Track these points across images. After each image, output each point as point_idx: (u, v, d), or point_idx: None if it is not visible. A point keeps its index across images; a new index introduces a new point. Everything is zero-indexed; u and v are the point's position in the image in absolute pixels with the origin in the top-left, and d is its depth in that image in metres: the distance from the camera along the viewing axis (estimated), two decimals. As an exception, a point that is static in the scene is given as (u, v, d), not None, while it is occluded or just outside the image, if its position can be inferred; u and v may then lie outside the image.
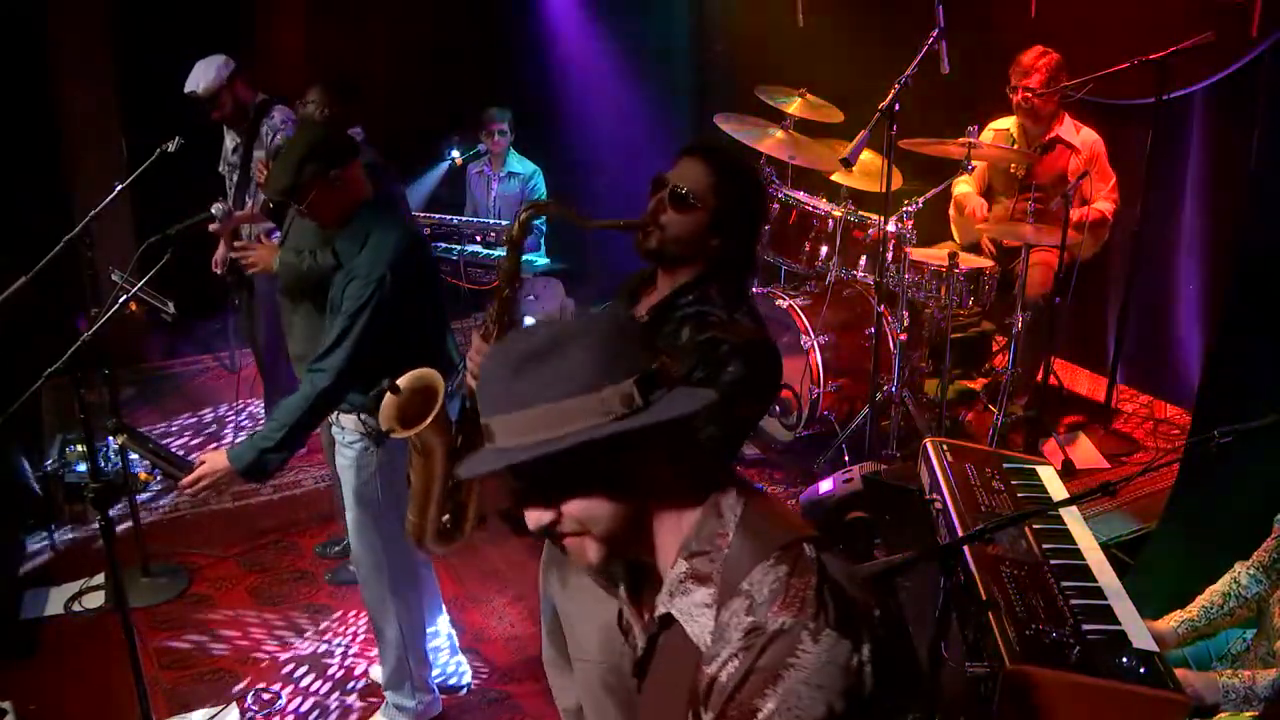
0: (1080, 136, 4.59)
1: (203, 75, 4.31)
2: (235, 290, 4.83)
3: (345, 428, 2.94)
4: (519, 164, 5.81)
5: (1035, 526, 2.68)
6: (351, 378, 2.73)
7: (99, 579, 3.91)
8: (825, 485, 3.50)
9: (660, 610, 1.31)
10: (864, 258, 4.53)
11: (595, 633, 2.26)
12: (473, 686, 3.46)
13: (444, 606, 3.49)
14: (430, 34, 6.37)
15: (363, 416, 2.88)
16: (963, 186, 4.78)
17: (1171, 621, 2.56)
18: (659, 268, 2.22)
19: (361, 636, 3.67)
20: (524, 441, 1.23)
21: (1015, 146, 4.66)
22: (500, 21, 6.44)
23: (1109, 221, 4.60)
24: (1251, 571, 2.53)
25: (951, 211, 4.93)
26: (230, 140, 4.58)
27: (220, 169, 4.67)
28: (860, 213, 4.53)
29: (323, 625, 3.75)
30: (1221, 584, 2.57)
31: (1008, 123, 4.73)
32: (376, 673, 3.44)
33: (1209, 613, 2.54)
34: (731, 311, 2.13)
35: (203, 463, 2.69)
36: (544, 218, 5.66)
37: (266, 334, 4.67)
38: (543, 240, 5.78)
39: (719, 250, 2.15)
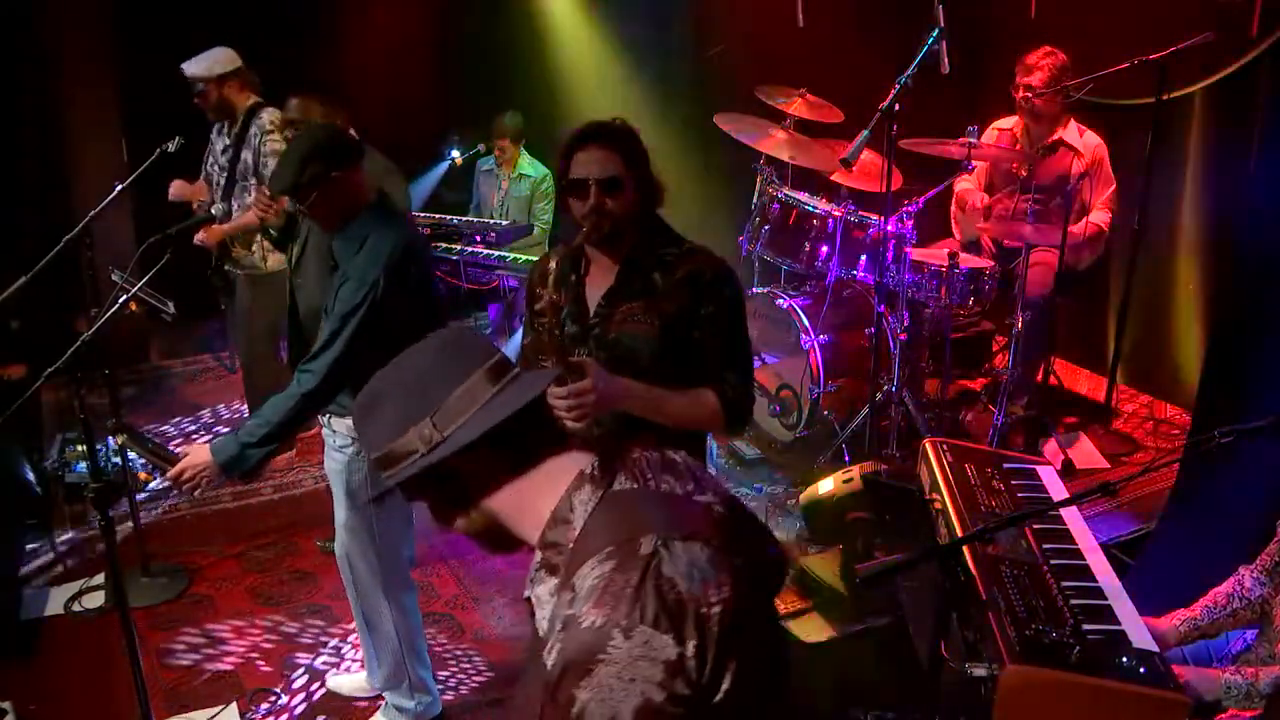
0: (1084, 140, 4.58)
1: (198, 60, 4.32)
2: (223, 296, 4.88)
3: (337, 431, 2.92)
4: (531, 167, 5.80)
5: (1035, 526, 2.68)
6: (340, 380, 2.71)
7: (99, 579, 3.91)
8: (825, 485, 3.49)
9: (525, 594, 1.40)
10: (864, 258, 4.53)
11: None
12: (473, 687, 3.46)
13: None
14: (431, 34, 6.37)
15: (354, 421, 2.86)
16: (964, 183, 4.78)
17: (1174, 620, 2.56)
18: (600, 248, 2.42)
19: (362, 636, 3.67)
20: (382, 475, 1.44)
21: (1019, 146, 4.66)
22: (501, 21, 6.44)
23: (1105, 234, 4.59)
24: (1256, 574, 2.53)
25: (953, 208, 4.93)
26: (220, 142, 4.53)
27: (207, 167, 4.60)
28: (860, 213, 4.53)
29: (323, 625, 3.76)
30: (1226, 585, 2.57)
31: (1012, 121, 4.73)
32: (338, 683, 3.44)
33: (1212, 613, 2.54)
34: (680, 244, 2.40)
35: (186, 455, 2.68)
36: (549, 214, 5.71)
37: (245, 338, 4.73)
38: (548, 239, 5.78)
39: (647, 198, 2.38)
